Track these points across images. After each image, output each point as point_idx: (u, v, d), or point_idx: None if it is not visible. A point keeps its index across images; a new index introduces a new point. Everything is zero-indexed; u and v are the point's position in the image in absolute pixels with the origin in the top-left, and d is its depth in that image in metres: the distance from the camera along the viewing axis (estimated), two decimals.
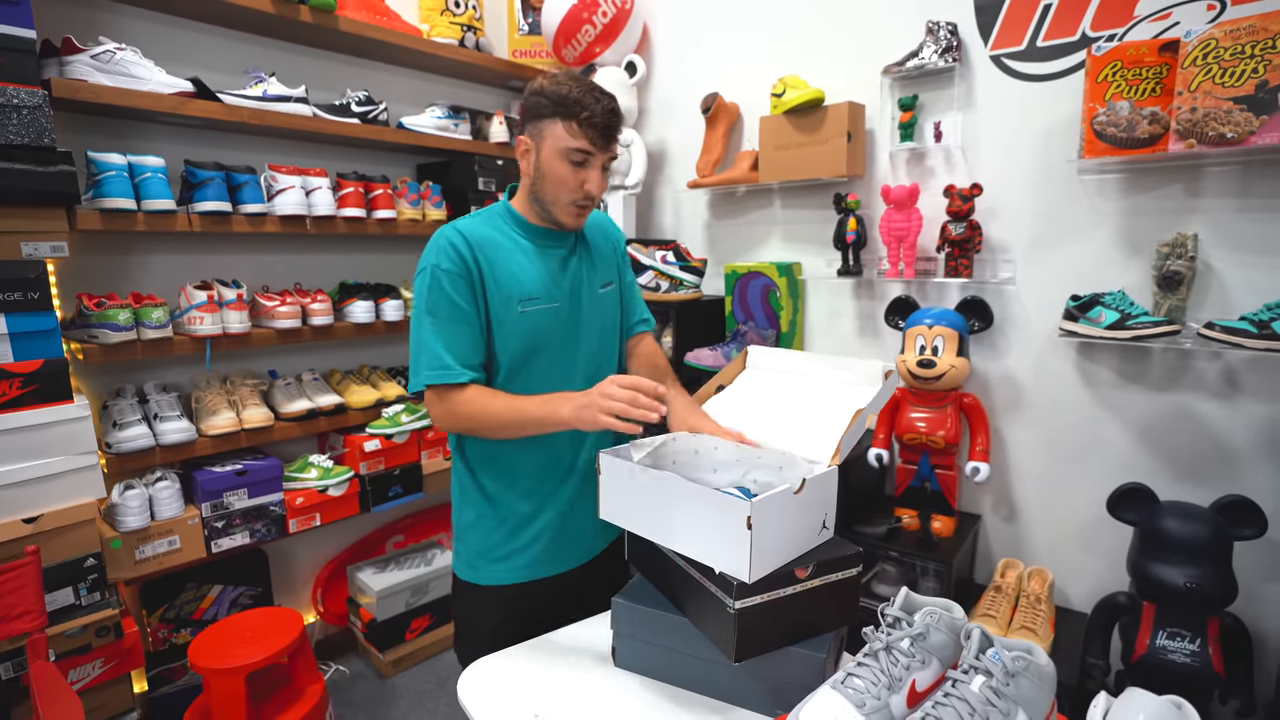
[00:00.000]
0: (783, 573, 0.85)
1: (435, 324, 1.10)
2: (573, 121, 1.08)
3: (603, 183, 1.15)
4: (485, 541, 1.22)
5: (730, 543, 0.82)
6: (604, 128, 1.09)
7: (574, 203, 1.14)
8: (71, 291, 1.74)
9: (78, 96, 1.56)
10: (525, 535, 1.22)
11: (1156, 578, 1.38)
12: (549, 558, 1.23)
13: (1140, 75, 1.46)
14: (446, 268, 1.10)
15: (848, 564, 0.90)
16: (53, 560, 1.51)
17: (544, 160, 1.12)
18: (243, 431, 1.84)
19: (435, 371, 1.09)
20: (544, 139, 1.11)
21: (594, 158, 1.11)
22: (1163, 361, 1.61)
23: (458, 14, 2.27)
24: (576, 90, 1.08)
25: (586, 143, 1.09)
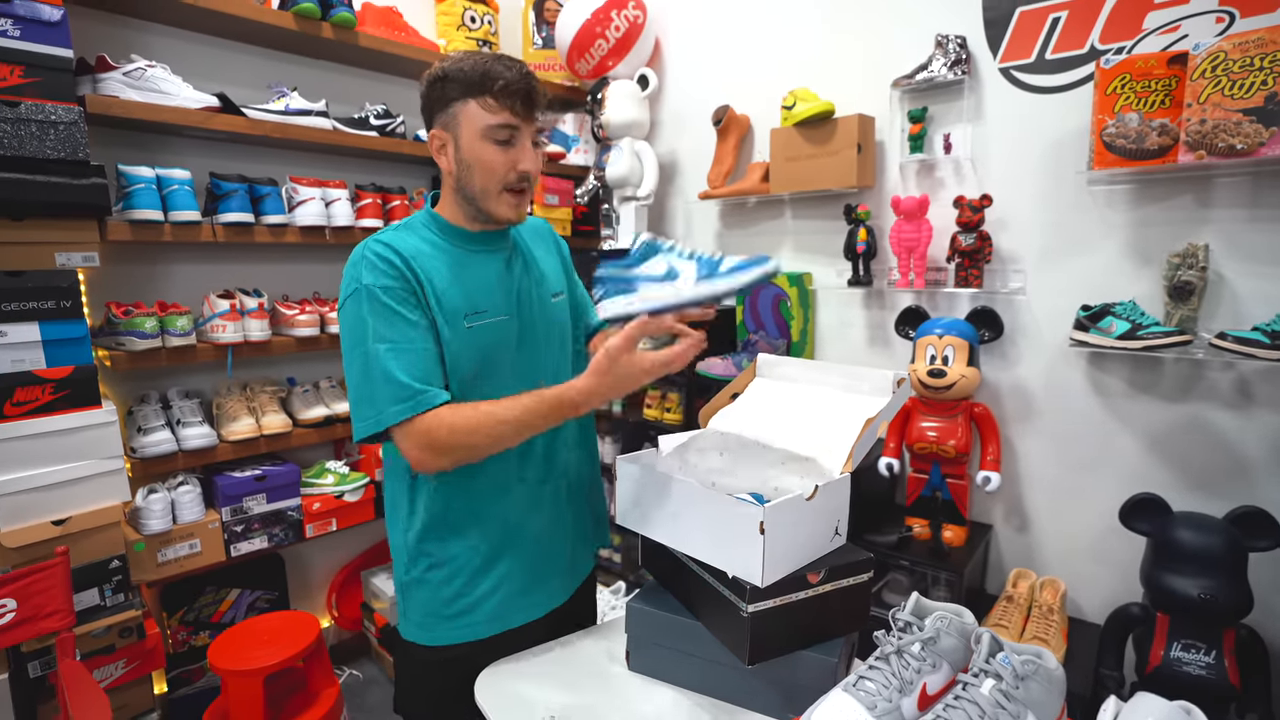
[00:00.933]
0: (795, 577, 0.86)
1: (392, 349, 0.93)
2: (487, 96, 0.95)
3: (536, 159, 1.02)
4: (436, 596, 1.05)
5: (743, 547, 0.83)
6: (524, 93, 0.97)
7: (508, 187, 1.01)
8: (100, 299, 1.79)
9: (110, 112, 1.62)
10: (485, 583, 1.05)
11: (1170, 589, 1.37)
12: (514, 607, 1.08)
13: (1149, 87, 1.47)
14: (384, 284, 0.95)
15: (859, 569, 0.91)
16: (79, 561, 1.55)
17: (465, 149, 0.98)
18: (262, 437, 1.88)
19: (406, 404, 0.92)
20: (459, 125, 0.98)
21: (520, 131, 0.99)
22: (1174, 372, 1.61)
23: (473, 29, 2.32)
24: (483, 63, 0.96)
25: (509, 115, 0.96)
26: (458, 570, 1.05)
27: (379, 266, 0.96)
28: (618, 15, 2.28)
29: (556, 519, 1.14)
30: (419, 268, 0.99)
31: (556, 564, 1.14)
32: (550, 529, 1.12)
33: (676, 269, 0.93)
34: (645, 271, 0.94)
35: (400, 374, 0.93)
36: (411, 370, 0.94)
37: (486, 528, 1.06)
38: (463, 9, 2.29)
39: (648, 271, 0.94)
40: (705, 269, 0.92)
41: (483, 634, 1.07)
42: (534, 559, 1.10)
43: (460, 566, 1.05)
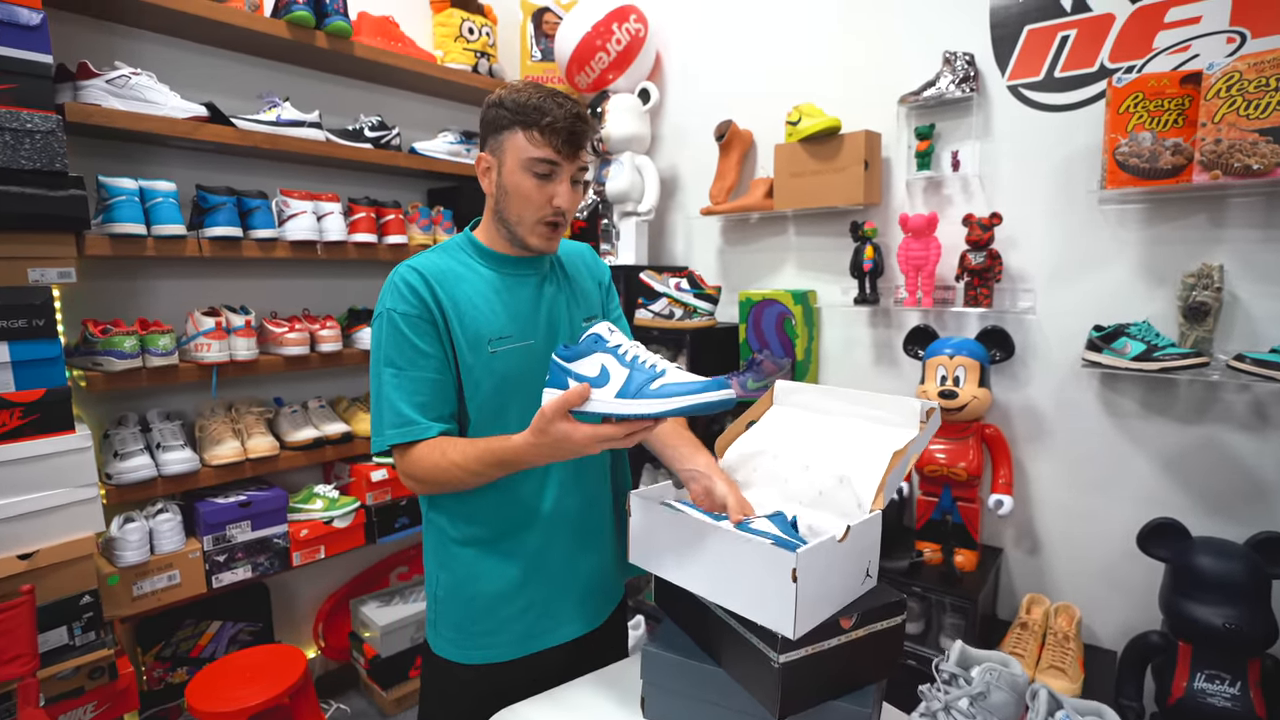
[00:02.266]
0: (827, 623, 0.80)
1: (396, 375, 0.99)
2: (534, 130, 0.98)
3: (574, 197, 1.04)
4: (465, 614, 1.08)
5: (773, 595, 0.77)
6: (569, 134, 0.99)
7: (542, 221, 1.03)
8: (76, 317, 1.70)
9: (91, 121, 1.55)
10: (510, 607, 1.07)
11: (1193, 617, 1.33)
12: (539, 631, 1.09)
13: (1162, 106, 1.46)
14: (404, 310, 0.99)
15: (891, 612, 0.86)
16: (47, 598, 1.45)
17: (506, 176, 1.02)
18: (247, 461, 1.79)
19: (399, 430, 0.98)
20: (505, 153, 1.01)
21: (560, 168, 1.01)
22: (1189, 393, 1.58)
23: (471, 41, 2.27)
24: (537, 96, 0.99)
25: (550, 151, 0.99)
26: (481, 593, 1.07)
27: (402, 292, 1.01)
28: (619, 28, 2.25)
29: (585, 546, 1.13)
30: (445, 293, 1.02)
31: (584, 591, 1.13)
32: (577, 556, 1.12)
33: (608, 372, 0.85)
34: (578, 369, 0.86)
35: (400, 402, 0.99)
36: (412, 398, 0.99)
37: (514, 551, 1.07)
38: (460, 20, 2.24)
39: (580, 370, 0.86)
40: (633, 383, 0.83)
41: (506, 656, 1.08)
42: (561, 586, 1.10)
43: (486, 588, 1.07)
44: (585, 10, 2.26)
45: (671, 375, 0.83)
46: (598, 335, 0.89)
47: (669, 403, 0.80)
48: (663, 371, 0.84)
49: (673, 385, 0.81)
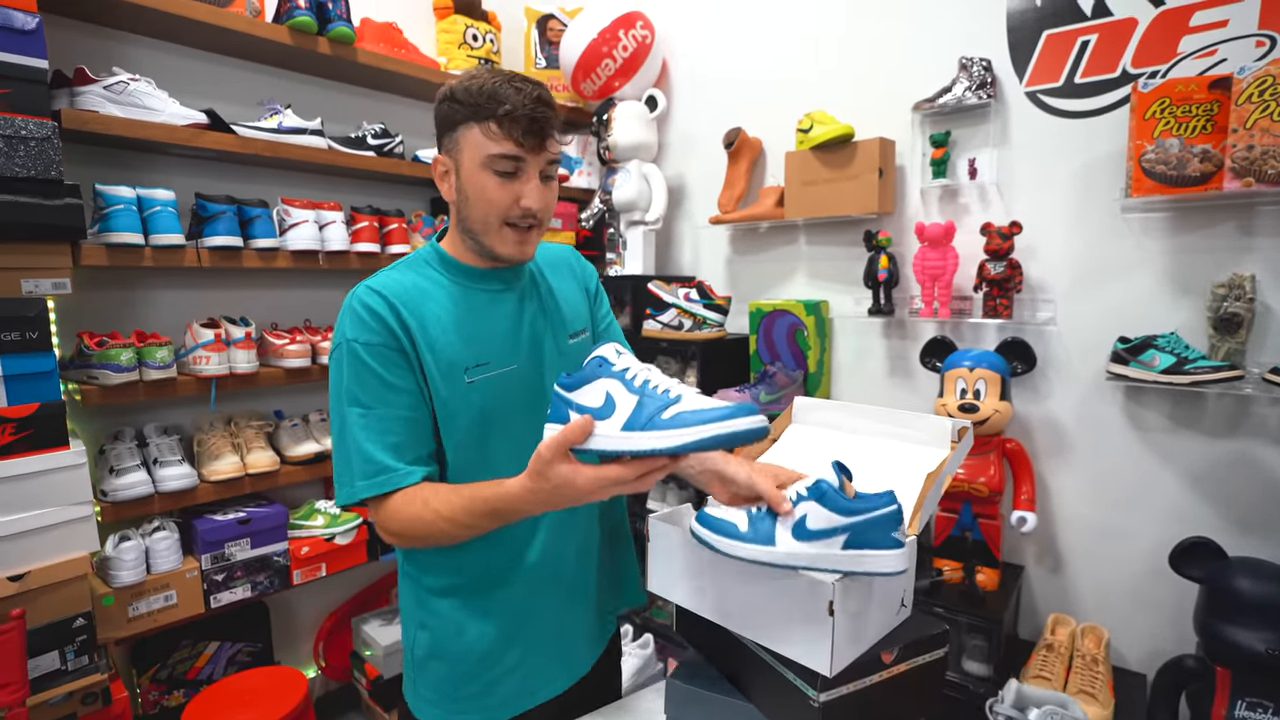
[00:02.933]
0: (868, 658, 0.75)
1: (364, 415, 0.85)
2: (490, 122, 0.84)
3: (544, 194, 0.90)
4: (447, 677, 0.96)
5: (807, 629, 0.72)
6: (530, 121, 0.85)
7: (508, 224, 0.90)
8: (71, 329, 1.66)
9: (88, 128, 1.51)
10: (497, 668, 0.96)
11: (1233, 642, 1.28)
12: (532, 687, 0.98)
13: (1190, 112, 1.42)
14: (366, 339, 0.86)
15: (934, 645, 0.81)
16: (38, 621, 1.39)
17: (466, 178, 0.89)
18: (246, 477, 1.74)
19: (373, 480, 0.85)
20: (461, 152, 0.88)
21: (525, 163, 0.87)
22: (1219, 407, 1.53)
23: (475, 47, 2.24)
24: (491, 82, 0.85)
25: (512, 145, 0.85)
26: (466, 653, 0.95)
27: (363, 319, 0.87)
28: (625, 35, 2.21)
29: (575, 595, 1.02)
30: (411, 316, 0.88)
31: (577, 638, 1.04)
32: (567, 607, 1.01)
33: (613, 401, 0.72)
34: (581, 399, 0.73)
35: (370, 446, 0.85)
36: (384, 441, 0.86)
37: (498, 605, 0.96)
38: (464, 27, 2.21)
39: (583, 400, 0.73)
40: (643, 413, 0.70)
41: (499, 717, 0.97)
42: (550, 640, 0.99)
43: (468, 650, 0.95)
44: (591, 17, 2.23)
45: (689, 401, 0.70)
46: (602, 358, 0.75)
47: (686, 434, 0.66)
48: (678, 397, 0.71)
49: (690, 414, 0.67)
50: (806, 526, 0.68)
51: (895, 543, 0.68)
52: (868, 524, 0.67)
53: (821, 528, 0.67)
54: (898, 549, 0.68)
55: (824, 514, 0.67)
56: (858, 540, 0.67)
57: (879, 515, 0.67)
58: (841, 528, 0.67)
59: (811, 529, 0.68)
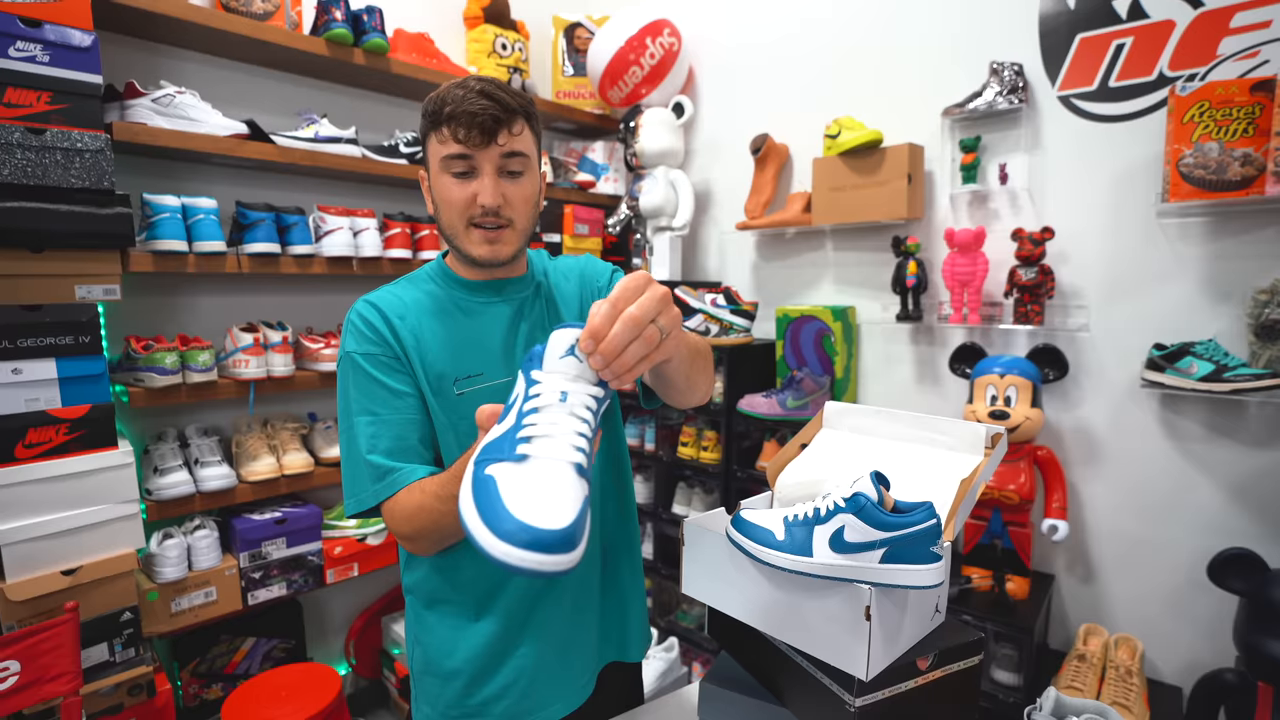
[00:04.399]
0: (903, 663, 0.76)
1: (372, 422, 0.87)
2: (440, 126, 0.85)
3: (501, 190, 0.88)
4: (441, 695, 0.96)
5: (844, 634, 0.73)
6: (472, 116, 0.83)
7: (472, 224, 0.89)
8: (119, 333, 1.72)
9: (138, 139, 1.56)
10: (490, 686, 0.94)
11: (1275, 657, 1.26)
12: (525, 709, 0.95)
13: (1230, 115, 1.39)
14: (366, 350, 0.88)
15: (969, 652, 0.80)
16: (89, 615, 1.45)
17: (433, 186, 0.90)
18: (282, 478, 1.78)
19: (379, 485, 0.85)
20: (429, 162, 0.90)
21: (476, 159, 0.86)
22: (1259, 415, 1.50)
23: (504, 56, 2.27)
24: (445, 89, 0.86)
25: (458, 144, 0.85)
26: (456, 672, 0.94)
27: (361, 331, 0.90)
28: (652, 42, 2.23)
29: (572, 618, 0.98)
30: (405, 330, 0.90)
31: (575, 664, 0.99)
32: (564, 628, 0.97)
33: (508, 408, 0.64)
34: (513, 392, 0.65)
35: (375, 452, 0.86)
36: (388, 445, 0.87)
37: (490, 620, 0.94)
38: (494, 36, 2.25)
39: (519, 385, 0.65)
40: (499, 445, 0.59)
41: None
42: (547, 658, 0.95)
43: (458, 669, 0.94)
44: (619, 25, 2.25)
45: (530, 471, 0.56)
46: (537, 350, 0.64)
47: (473, 515, 0.53)
48: (523, 457, 0.57)
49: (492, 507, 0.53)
50: (844, 539, 0.68)
51: (933, 557, 0.68)
52: (906, 539, 0.67)
53: (859, 541, 0.68)
54: (935, 563, 0.68)
55: (862, 527, 0.68)
56: (896, 555, 0.68)
57: (918, 530, 0.67)
58: (880, 542, 0.67)
59: (849, 541, 0.68)
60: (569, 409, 0.60)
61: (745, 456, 2.13)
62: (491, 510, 0.53)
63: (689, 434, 2.19)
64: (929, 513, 0.68)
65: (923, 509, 0.68)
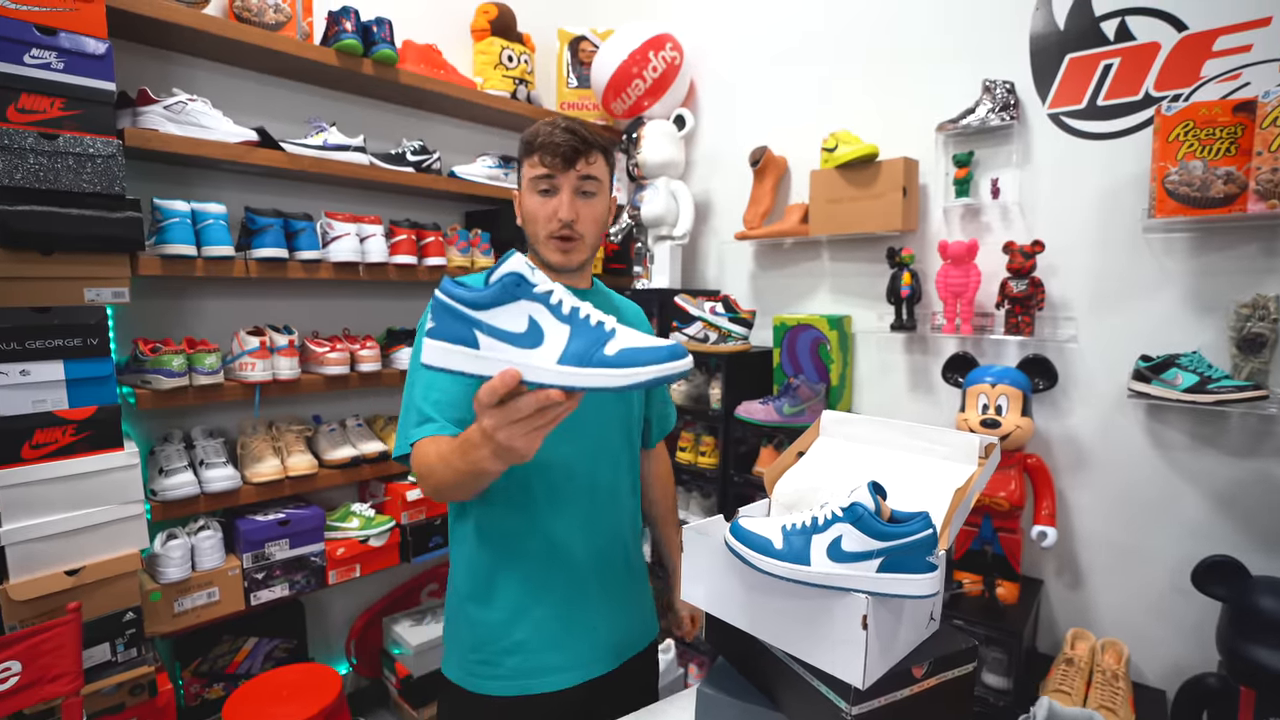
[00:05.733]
0: (898, 671, 0.79)
1: (429, 379, 0.99)
2: (533, 154, 1.06)
3: (579, 208, 1.06)
4: (464, 639, 1.09)
5: (840, 643, 0.75)
6: (554, 146, 1.04)
7: (551, 235, 1.07)
8: (126, 335, 1.74)
9: (149, 146, 1.59)
10: (507, 638, 1.05)
11: (1259, 662, 1.29)
12: (540, 669, 1.06)
13: (1213, 135, 1.44)
14: None
15: (964, 659, 0.83)
16: (91, 615, 1.46)
17: (523, 201, 1.10)
18: (286, 479, 1.81)
19: (419, 428, 0.97)
20: (521, 182, 1.10)
21: (557, 181, 1.05)
22: (1241, 426, 1.54)
23: (510, 68, 2.31)
24: (537, 125, 1.07)
25: (544, 168, 1.05)
26: (481, 618, 1.07)
27: None
28: (655, 56, 2.28)
29: (597, 578, 1.11)
30: None
31: (591, 628, 1.11)
32: (583, 588, 1.10)
33: (542, 330, 0.67)
34: (496, 321, 0.67)
35: (425, 401, 0.98)
36: (437, 399, 0.98)
37: (513, 576, 1.07)
38: (500, 48, 2.29)
39: (500, 323, 0.67)
40: (579, 343, 0.66)
41: (507, 692, 1.06)
42: (562, 620, 1.08)
43: (484, 615, 1.07)
44: (622, 39, 2.29)
45: (624, 336, 0.67)
46: (518, 276, 0.67)
47: (635, 374, 0.64)
48: (613, 331, 0.68)
49: (634, 350, 0.65)
50: (842, 548, 0.71)
51: (929, 566, 0.71)
52: (903, 548, 0.70)
53: (857, 550, 0.71)
54: (931, 572, 0.71)
55: (859, 537, 0.71)
56: (893, 564, 0.70)
57: (915, 540, 0.70)
58: (877, 551, 0.70)
59: (847, 551, 0.71)
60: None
61: (742, 461, 2.17)
62: (645, 356, 0.65)
63: (687, 439, 2.22)
64: (925, 522, 0.71)
65: (919, 519, 0.71)
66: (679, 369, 0.66)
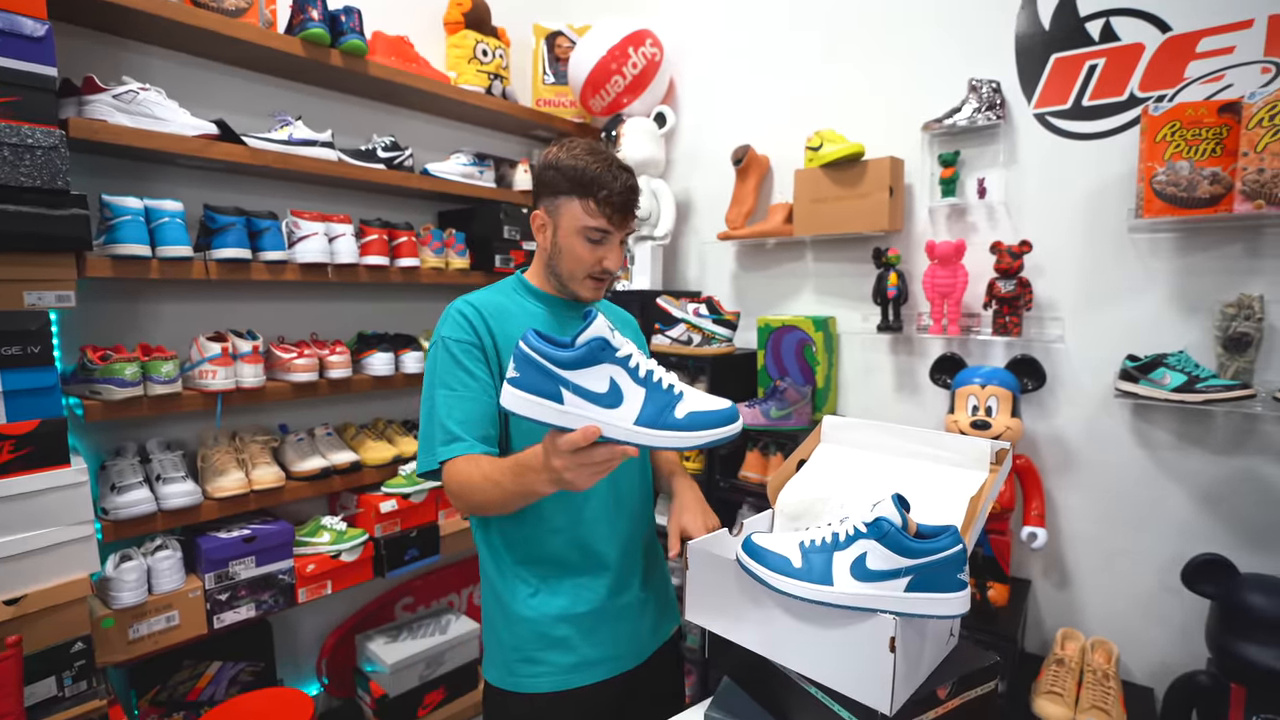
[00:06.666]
0: (923, 694, 0.74)
1: (449, 395, 1.03)
2: (590, 200, 1.04)
3: (620, 257, 1.12)
4: (505, 641, 1.12)
5: (865, 665, 0.71)
6: (622, 205, 1.06)
7: (591, 277, 1.11)
8: (73, 341, 1.62)
9: (96, 137, 1.48)
10: (547, 637, 1.09)
11: (1248, 659, 1.29)
12: (581, 665, 1.10)
13: (1199, 135, 1.45)
14: (458, 338, 1.06)
15: (986, 676, 0.80)
16: (35, 647, 1.34)
17: (561, 237, 1.09)
18: (251, 493, 1.70)
19: (448, 445, 1.01)
20: (561, 215, 1.08)
21: (612, 235, 1.08)
22: (1226, 425, 1.56)
23: (485, 63, 2.23)
24: (595, 166, 1.04)
25: (604, 222, 1.05)
26: (519, 616, 1.09)
27: (458, 321, 1.08)
28: (635, 52, 2.22)
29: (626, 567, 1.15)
30: (497, 327, 1.08)
31: (627, 620, 1.15)
32: (615, 579, 1.13)
33: (621, 392, 0.74)
34: (581, 381, 0.74)
35: (450, 421, 1.02)
36: (460, 416, 1.02)
37: (550, 573, 1.10)
38: (474, 42, 2.21)
39: (584, 383, 0.74)
40: (653, 407, 0.74)
41: (550, 688, 1.09)
42: (600, 614, 1.11)
43: (521, 612, 1.09)
44: (601, 35, 2.23)
45: (691, 399, 0.76)
46: (603, 340, 0.75)
47: (700, 436, 0.73)
48: (681, 394, 0.76)
49: (700, 414, 0.74)
50: (867, 566, 0.67)
51: (960, 584, 0.67)
52: (933, 565, 0.66)
53: (883, 569, 0.67)
54: (962, 591, 0.67)
55: (886, 554, 0.66)
56: (922, 583, 0.66)
57: (945, 557, 0.66)
58: (905, 569, 0.66)
59: (872, 569, 0.67)
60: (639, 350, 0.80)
61: (726, 465, 2.13)
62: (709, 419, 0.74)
63: None
64: (954, 537, 0.67)
65: (948, 533, 0.67)
66: (734, 431, 0.75)
